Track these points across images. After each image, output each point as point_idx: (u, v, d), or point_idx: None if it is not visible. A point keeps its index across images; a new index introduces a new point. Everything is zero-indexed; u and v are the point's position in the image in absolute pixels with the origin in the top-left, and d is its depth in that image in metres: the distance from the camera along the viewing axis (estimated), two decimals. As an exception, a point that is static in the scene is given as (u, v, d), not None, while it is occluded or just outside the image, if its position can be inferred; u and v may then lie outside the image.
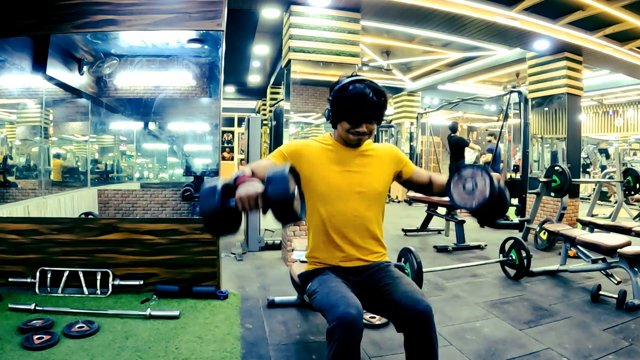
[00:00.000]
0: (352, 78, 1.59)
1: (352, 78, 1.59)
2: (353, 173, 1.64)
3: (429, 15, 4.26)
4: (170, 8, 2.90)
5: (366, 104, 1.54)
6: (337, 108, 1.59)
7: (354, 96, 1.54)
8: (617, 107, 11.84)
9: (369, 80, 1.59)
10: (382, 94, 1.58)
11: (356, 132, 1.58)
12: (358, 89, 1.54)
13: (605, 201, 9.03)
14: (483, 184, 1.45)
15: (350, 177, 1.63)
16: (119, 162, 5.17)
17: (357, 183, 1.63)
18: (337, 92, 1.59)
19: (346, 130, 1.59)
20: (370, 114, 1.57)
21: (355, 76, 1.61)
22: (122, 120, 5.01)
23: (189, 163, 5.12)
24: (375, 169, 1.67)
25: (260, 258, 4.03)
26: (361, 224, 1.63)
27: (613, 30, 4.73)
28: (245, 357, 2.05)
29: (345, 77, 1.62)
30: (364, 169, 1.65)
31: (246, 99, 11.57)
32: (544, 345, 2.21)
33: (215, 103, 4.03)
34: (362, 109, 1.55)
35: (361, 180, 1.63)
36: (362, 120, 1.56)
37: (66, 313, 2.45)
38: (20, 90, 4.21)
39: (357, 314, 1.35)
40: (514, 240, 3.44)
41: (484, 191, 1.44)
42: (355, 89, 1.55)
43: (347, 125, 1.58)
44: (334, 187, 1.61)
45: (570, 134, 5.24)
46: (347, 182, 1.62)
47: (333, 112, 1.62)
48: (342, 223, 1.62)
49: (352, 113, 1.56)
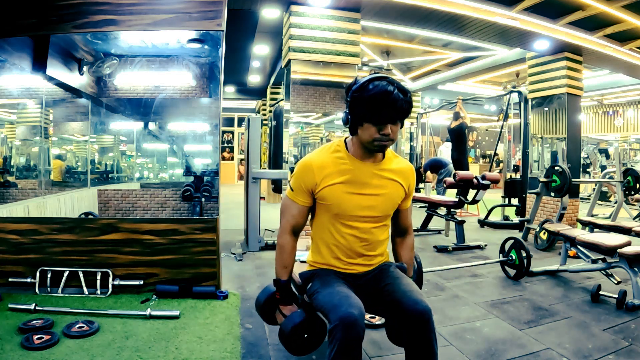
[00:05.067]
0: (371, 76, 1.46)
1: (371, 76, 1.46)
2: (367, 196, 1.56)
3: (429, 15, 4.26)
4: (170, 8, 2.90)
5: (391, 101, 1.39)
6: (358, 109, 1.45)
7: (376, 94, 1.40)
8: (617, 107, 11.85)
9: (390, 77, 1.45)
10: (407, 90, 1.44)
11: (381, 135, 1.44)
12: (380, 86, 1.41)
13: (605, 201, 9.03)
14: None
15: (363, 200, 1.56)
16: (119, 162, 5.17)
17: (371, 206, 1.57)
18: (356, 92, 1.45)
19: (370, 135, 1.45)
20: (396, 112, 1.42)
21: (373, 73, 1.49)
22: (122, 120, 5.01)
23: (189, 163, 5.12)
24: (390, 192, 1.59)
25: (260, 258, 4.03)
26: (369, 243, 1.62)
27: (613, 30, 4.73)
28: (245, 357, 2.05)
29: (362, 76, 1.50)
30: (380, 191, 1.57)
31: (246, 99, 11.57)
32: (544, 345, 2.20)
33: (215, 103, 4.03)
34: (386, 107, 1.40)
35: (376, 204, 1.57)
36: (387, 120, 1.42)
37: (66, 313, 2.44)
38: (20, 90, 4.21)
39: (359, 314, 1.35)
40: (514, 240, 3.44)
41: None
42: (376, 87, 1.41)
43: (371, 128, 1.44)
44: (347, 208, 1.56)
45: (570, 134, 5.24)
46: (359, 205, 1.56)
47: (352, 115, 1.47)
48: (351, 242, 1.60)
49: (375, 113, 1.41)
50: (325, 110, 4.26)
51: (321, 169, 1.55)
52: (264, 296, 1.79)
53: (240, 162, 13.31)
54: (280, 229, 1.64)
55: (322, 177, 1.54)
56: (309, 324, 1.59)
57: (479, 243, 4.62)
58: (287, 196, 1.62)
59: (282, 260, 1.63)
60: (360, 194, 1.55)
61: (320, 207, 1.61)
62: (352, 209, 1.56)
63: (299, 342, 1.60)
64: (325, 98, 4.18)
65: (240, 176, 13.23)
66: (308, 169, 1.56)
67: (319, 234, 1.65)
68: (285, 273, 1.63)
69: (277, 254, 1.64)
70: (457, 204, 4.56)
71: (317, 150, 1.65)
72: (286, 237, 1.63)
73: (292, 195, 1.60)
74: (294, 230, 1.63)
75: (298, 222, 1.62)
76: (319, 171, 1.54)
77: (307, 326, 1.59)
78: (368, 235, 1.60)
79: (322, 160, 1.57)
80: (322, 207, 1.60)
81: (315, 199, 1.60)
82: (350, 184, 1.55)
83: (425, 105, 10.65)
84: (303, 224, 1.64)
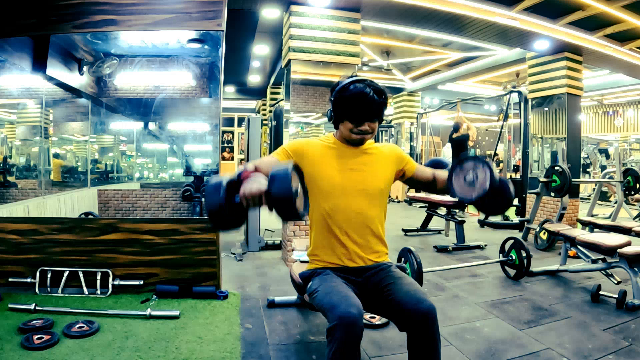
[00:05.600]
0: (352, 78, 1.61)
1: (352, 78, 1.61)
2: (355, 171, 1.65)
3: (429, 15, 4.26)
4: (170, 8, 2.90)
5: (367, 102, 1.56)
6: (339, 108, 1.62)
7: (354, 95, 1.56)
8: (617, 107, 11.85)
9: (368, 80, 1.61)
10: (382, 92, 1.60)
11: (359, 130, 1.60)
12: (358, 88, 1.57)
13: (605, 201, 9.03)
14: (483, 176, 1.46)
15: (352, 174, 1.65)
16: (119, 162, 5.17)
17: (359, 180, 1.65)
18: (338, 92, 1.61)
19: (349, 130, 1.61)
20: (372, 112, 1.59)
21: (355, 76, 1.63)
22: (122, 120, 5.01)
23: (189, 163, 5.13)
24: (377, 167, 1.69)
25: (260, 258, 4.03)
26: (363, 221, 1.64)
27: (613, 30, 4.73)
28: (245, 357, 2.05)
29: (345, 77, 1.64)
30: (366, 166, 1.67)
31: (246, 99, 11.57)
32: (544, 345, 2.21)
33: (215, 103, 4.04)
34: (363, 107, 1.57)
35: (363, 177, 1.65)
36: (364, 119, 1.59)
37: (66, 313, 2.44)
38: (20, 90, 4.21)
39: (357, 313, 1.35)
40: (514, 240, 3.44)
41: (484, 183, 1.45)
42: (355, 88, 1.57)
43: (349, 125, 1.60)
44: (336, 184, 1.63)
45: (570, 134, 5.24)
46: (349, 180, 1.64)
47: (335, 112, 1.64)
48: (344, 220, 1.62)
49: (353, 112, 1.58)
50: (325, 110, 4.25)
51: (310, 145, 1.68)
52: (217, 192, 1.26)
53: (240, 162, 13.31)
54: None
55: (311, 152, 1.65)
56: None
57: (479, 243, 4.62)
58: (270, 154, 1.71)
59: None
60: (347, 169, 1.65)
61: (312, 188, 1.60)
62: (342, 183, 1.63)
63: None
64: (325, 98, 4.18)
65: (240, 176, 13.20)
66: (298, 141, 1.71)
67: (315, 218, 1.68)
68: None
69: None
70: (457, 204, 4.56)
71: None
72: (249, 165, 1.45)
73: (273, 154, 1.67)
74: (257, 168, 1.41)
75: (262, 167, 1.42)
76: (308, 147, 1.68)
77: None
78: (359, 211, 1.63)
79: (312, 141, 1.72)
80: (315, 190, 1.61)
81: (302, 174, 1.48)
82: (338, 161, 1.65)
83: (425, 105, 10.66)
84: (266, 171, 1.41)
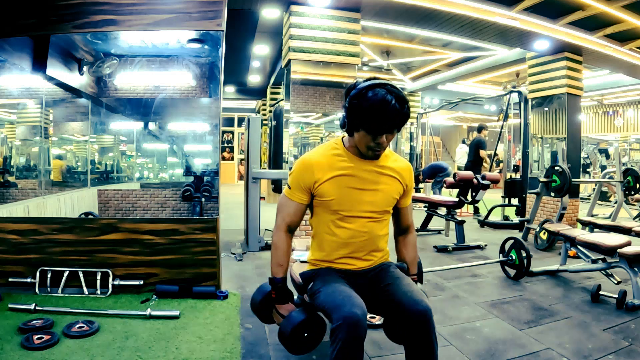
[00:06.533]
0: (371, 82, 1.42)
1: (371, 82, 1.42)
2: (366, 191, 1.57)
3: (429, 15, 4.26)
4: (170, 8, 2.90)
5: (388, 113, 1.38)
6: (355, 117, 1.43)
7: (374, 104, 1.37)
8: (617, 107, 11.85)
9: (389, 85, 1.42)
10: (405, 100, 1.42)
11: (376, 144, 1.45)
12: (379, 95, 1.38)
13: (605, 201, 9.03)
14: None
15: (362, 195, 1.56)
16: (119, 162, 5.17)
17: (369, 202, 1.57)
18: (354, 98, 1.42)
19: (365, 144, 1.46)
20: (393, 124, 1.41)
21: (374, 79, 1.44)
22: (122, 120, 5.01)
23: (189, 163, 5.12)
24: (388, 189, 1.60)
25: (260, 258, 4.02)
26: (369, 239, 1.62)
27: (613, 30, 4.73)
28: (245, 357, 2.05)
29: (362, 80, 1.46)
30: (378, 187, 1.58)
31: (246, 99, 11.58)
32: (544, 345, 2.20)
33: (215, 103, 4.03)
34: (384, 118, 1.39)
35: (374, 199, 1.58)
36: (383, 131, 1.42)
37: (66, 313, 2.44)
38: (20, 90, 4.21)
39: (361, 314, 1.35)
40: (514, 240, 3.44)
41: None
42: (375, 96, 1.38)
43: (366, 137, 1.44)
44: (345, 204, 1.56)
45: (570, 134, 5.24)
46: (358, 201, 1.56)
47: (349, 120, 1.46)
48: (350, 238, 1.60)
49: (372, 123, 1.40)
50: (325, 110, 4.26)
51: (320, 167, 1.55)
52: (259, 295, 1.77)
53: (240, 162, 13.31)
54: (275, 227, 1.64)
55: (321, 175, 1.55)
56: (308, 323, 1.59)
57: (479, 243, 4.62)
58: (284, 194, 1.63)
59: (277, 258, 1.62)
60: (359, 189, 1.56)
61: (320, 205, 1.60)
62: (351, 205, 1.57)
63: (299, 342, 1.60)
64: (325, 98, 4.18)
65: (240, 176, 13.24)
66: (307, 167, 1.56)
67: (319, 230, 1.65)
68: (280, 271, 1.62)
69: (272, 252, 1.64)
70: (457, 203, 4.56)
71: (315, 148, 1.65)
72: (281, 235, 1.63)
73: (289, 193, 1.60)
74: (289, 228, 1.64)
75: (294, 220, 1.63)
76: (318, 169, 1.55)
77: (306, 325, 1.59)
78: (368, 230, 1.60)
79: (321, 158, 1.57)
80: (322, 205, 1.59)
81: (313, 197, 1.60)
82: (350, 180, 1.56)
83: (425, 105, 10.65)
84: (299, 222, 1.64)
